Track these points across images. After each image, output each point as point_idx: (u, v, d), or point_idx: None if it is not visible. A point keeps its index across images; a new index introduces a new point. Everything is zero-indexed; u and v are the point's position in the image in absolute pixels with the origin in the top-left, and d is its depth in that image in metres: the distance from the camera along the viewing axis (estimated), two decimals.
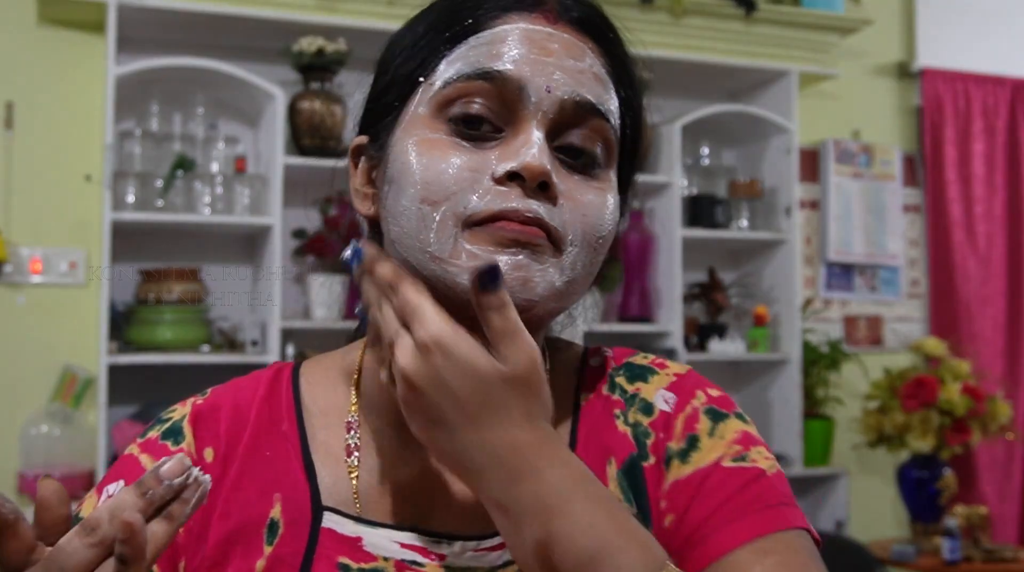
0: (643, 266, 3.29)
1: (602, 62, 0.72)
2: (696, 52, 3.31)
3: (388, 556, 0.71)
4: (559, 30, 0.71)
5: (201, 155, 2.93)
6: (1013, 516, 3.85)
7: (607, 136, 0.71)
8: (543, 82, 0.68)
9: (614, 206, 0.72)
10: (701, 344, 3.38)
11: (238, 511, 0.73)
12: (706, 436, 0.74)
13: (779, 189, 3.46)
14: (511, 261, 0.66)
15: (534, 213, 0.67)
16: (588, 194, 0.70)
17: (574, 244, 0.69)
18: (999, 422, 3.29)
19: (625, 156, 0.75)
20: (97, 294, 2.76)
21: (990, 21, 4.00)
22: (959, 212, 3.87)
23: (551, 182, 0.67)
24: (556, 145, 0.70)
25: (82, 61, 2.91)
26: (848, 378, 3.62)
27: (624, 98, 0.74)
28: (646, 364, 0.80)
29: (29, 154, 2.86)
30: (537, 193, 0.67)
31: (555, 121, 0.69)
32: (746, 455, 0.72)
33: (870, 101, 3.88)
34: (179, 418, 0.77)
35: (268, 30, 2.86)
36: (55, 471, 2.70)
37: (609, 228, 0.71)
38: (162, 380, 2.83)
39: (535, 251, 0.67)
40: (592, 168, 0.71)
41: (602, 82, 0.71)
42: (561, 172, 0.69)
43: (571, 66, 0.69)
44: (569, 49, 0.70)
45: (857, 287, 3.79)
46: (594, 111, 0.70)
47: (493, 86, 0.68)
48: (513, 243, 0.67)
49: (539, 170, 0.66)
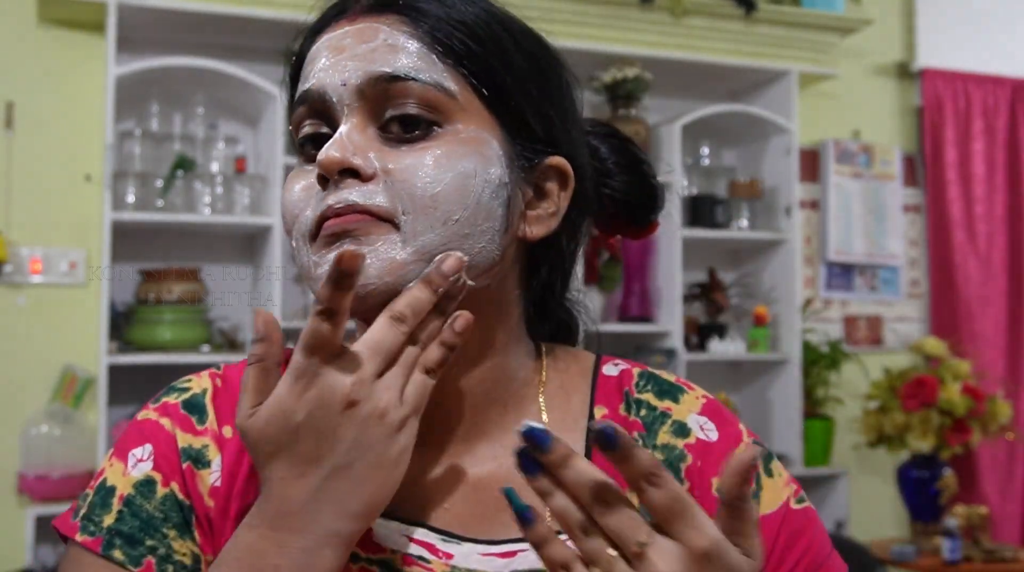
0: (643, 266, 3.29)
1: (407, 30, 0.70)
2: (696, 52, 3.31)
3: (397, 549, 0.71)
4: (356, 24, 0.71)
5: (201, 155, 2.93)
6: (1015, 516, 3.86)
7: (424, 94, 0.68)
8: (338, 79, 0.69)
9: (455, 156, 0.68)
10: (701, 344, 3.38)
11: (255, 490, 0.72)
12: (764, 475, 0.76)
13: (779, 189, 3.46)
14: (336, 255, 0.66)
15: (343, 201, 0.67)
16: (408, 159, 0.67)
17: (407, 212, 0.67)
18: (999, 422, 3.29)
19: (494, 100, 0.71)
20: (97, 294, 2.76)
21: (990, 21, 4.00)
22: (959, 212, 3.87)
23: (353, 165, 0.67)
24: (383, 124, 0.69)
25: (82, 61, 2.91)
26: (848, 378, 3.62)
27: (450, 48, 0.70)
28: (673, 381, 0.80)
29: (29, 154, 2.86)
30: (349, 182, 0.67)
31: (367, 107, 0.69)
32: (803, 496, 0.77)
33: (870, 101, 3.89)
34: (200, 392, 0.76)
35: (268, 30, 2.86)
36: (55, 471, 2.70)
37: (447, 181, 0.67)
38: (162, 380, 2.82)
39: (358, 236, 0.67)
40: (429, 130, 0.68)
41: (399, 49, 0.69)
42: (384, 151, 0.68)
43: (362, 51, 0.69)
44: (361, 36, 0.70)
45: (857, 287, 3.79)
46: (392, 78, 0.68)
47: (309, 106, 0.71)
48: (334, 238, 0.67)
49: (327, 162, 0.67)
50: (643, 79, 3.20)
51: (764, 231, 3.46)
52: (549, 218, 0.74)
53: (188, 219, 2.82)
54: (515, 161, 0.71)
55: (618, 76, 3.18)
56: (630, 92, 3.22)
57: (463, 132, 0.69)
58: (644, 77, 3.20)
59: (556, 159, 0.74)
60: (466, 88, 0.70)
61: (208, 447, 0.73)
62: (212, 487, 0.72)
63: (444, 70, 0.69)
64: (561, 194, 0.74)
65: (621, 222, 0.84)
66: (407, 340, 0.65)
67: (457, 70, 0.69)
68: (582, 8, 3.14)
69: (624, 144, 0.83)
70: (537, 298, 0.79)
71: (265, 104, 2.90)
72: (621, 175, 0.82)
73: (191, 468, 0.72)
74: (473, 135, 0.69)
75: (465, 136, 0.69)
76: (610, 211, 0.82)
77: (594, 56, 3.19)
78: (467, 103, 0.70)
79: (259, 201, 2.87)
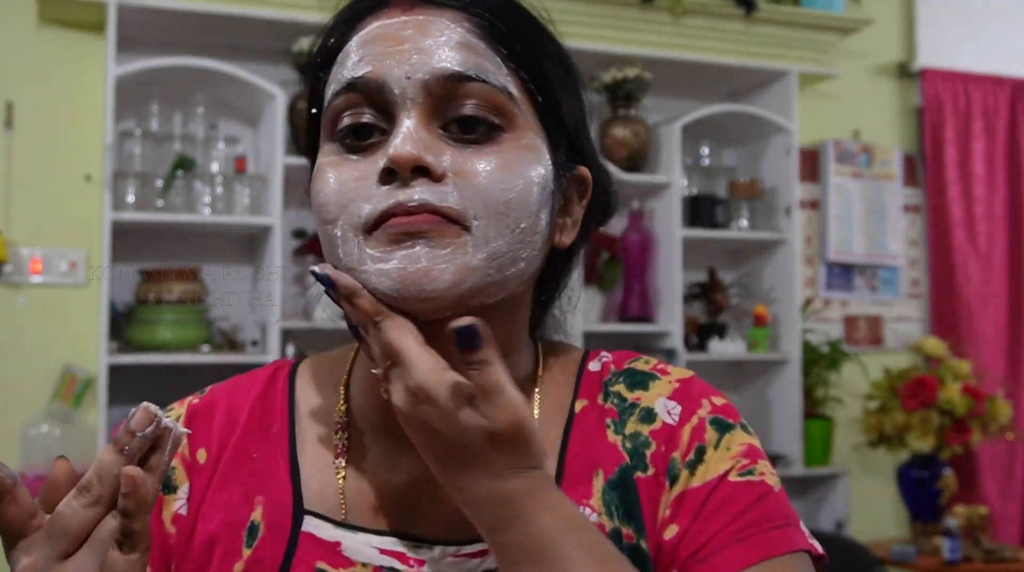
0: (643, 266, 3.28)
1: (469, 27, 0.69)
2: (696, 52, 3.31)
3: (367, 562, 0.71)
4: (414, 15, 0.69)
5: (201, 155, 2.93)
6: (1015, 516, 3.85)
7: (491, 98, 0.67)
8: (401, 71, 0.67)
9: (522, 164, 0.68)
10: (701, 344, 3.38)
11: (220, 513, 0.73)
12: (712, 448, 0.73)
13: (779, 189, 3.46)
14: (407, 255, 0.65)
15: (417, 200, 0.65)
16: (479, 163, 0.67)
17: (479, 217, 0.66)
18: (999, 422, 3.29)
19: (545, 108, 0.71)
20: (97, 294, 2.76)
21: (990, 21, 4.00)
22: (959, 212, 3.87)
23: (427, 163, 0.66)
24: (444, 123, 0.68)
25: (82, 61, 2.91)
26: (848, 378, 3.62)
27: (514, 52, 0.70)
28: (647, 369, 0.79)
29: (29, 154, 2.86)
30: (420, 180, 0.66)
31: (430, 103, 0.67)
32: (753, 469, 0.73)
33: (870, 101, 3.88)
34: (175, 418, 0.78)
35: (268, 30, 2.86)
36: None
37: (519, 188, 0.67)
38: (162, 380, 2.83)
39: (431, 238, 0.65)
40: (491, 133, 0.68)
41: (470, 47, 0.68)
42: (449, 149, 0.67)
43: (428, 45, 0.67)
44: (424, 29, 0.68)
45: (857, 287, 3.79)
46: (463, 78, 0.67)
47: (360, 94, 0.68)
48: (404, 237, 0.66)
49: (404, 158, 0.65)
50: (643, 79, 3.20)
51: (764, 231, 3.46)
52: (572, 228, 0.75)
53: (188, 219, 2.82)
54: (557, 170, 0.72)
55: (618, 76, 3.18)
56: (630, 92, 3.22)
57: (524, 139, 0.69)
58: (644, 77, 3.20)
59: (582, 170, 0.75)
60: (524, 94, 0.70)
61: (175, 471, 0.75)
62: (176, 514, 0.74)
63: (508, 74, 0.69)
64: (580, 204, 0.76)
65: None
66: (101, 510, 0.58)
67: (518, 75, 0.70)
68: (582, 8, 3.14)
69: None
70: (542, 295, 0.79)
71: (265, 104, 2.90)
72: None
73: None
74: (533, 142, 0.69)
75: (526, 143, 0.69)
76: None
77: (594, 56, 3.19)
78: (524, 109, 0.70)
79: (259, 201, 2.87)
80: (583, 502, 0.72)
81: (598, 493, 0.73)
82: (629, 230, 3.29)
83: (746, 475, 0.72)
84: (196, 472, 0.75)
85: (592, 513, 0.72)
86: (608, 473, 0.73)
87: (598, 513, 0.72)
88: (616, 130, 3.21)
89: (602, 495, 0.73)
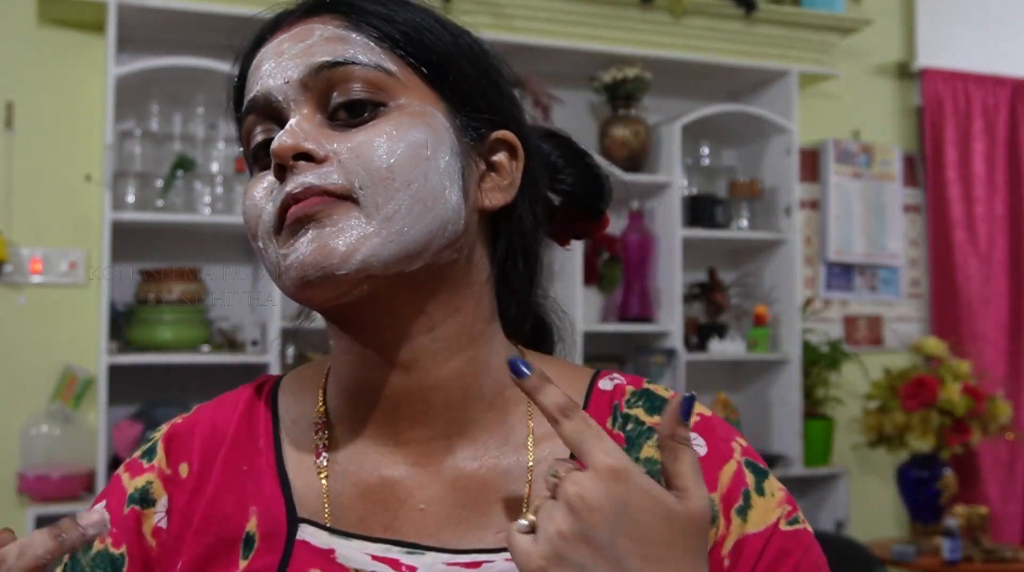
0: (643, 266, 3.29)
1: (338, 23, 0.72)
2: (696, 52, 3.31)
3: (360, 568, 0.71)
4: (291, 30, 0.72)
5: (201, 155, 2.93)
6: (1016, 516, 3.85)
7: (366, 76, 0.70)
8: (280, 79, 0.70)
9: (403, 128, 0.69)
10: (701, 344, 3.37)
11: (216, 526, 0.74)
12: (755, 493, 0.74)
13: (779, 189, 3.46)
14: (304, 241, 0.67)
15: (301, 185, 0.67)
16: (357, 137, 0.69)
17: (364, 186, 0.67)
18: (999, 422, 3.29)
19: (434, 77, 0.73)
20: (97, 294, 2.76)
21: (990, 21, 4.00)
22: (960, 212, 3.87)
23: (306, 149, 0.68)
24: (331, 114, 0.70)
25: (82, 61, 2.91)
26: (848, 378, 3.62)
27: (385, 32, 0.71)
28: (667, 396, 0.78)
29: (29, 154, 2.86)
30: (304, 166, 0.68)
31: (312, 99, 0.70)
32: (797, 517, 0.74)
33: (870, 101, 3.88)
34: (158, 437, 0.80)
35: None
36: (55, 471, 2.70)
37: (400, 152, 0.68)
38: (162, 380, 2.83)
39: (319, 218, 0.67)
40: (375, 111, 0.70)
41: (336, 39, 0.71)
42: (334, 135, 0.69)
43: (300, 49, 0.71)
44: (297, 37, 0.71)
45: (857, 287, 3.79)
46: (332, 65, 0.70)
47: (256, 114, 0.72)
48: (298, 224, 0.68)
49: (281, 148, 0.68)
50: (643, 79, 3.20)
51: (764, 231, 3.46)
52: (506, 189, 0.75)
53: (188, 219, 2.82)
54: (463, 132, 0.73)
55: (618, 76, 3.18)
56: (630, 92, 3.22)
57: (408, 107, 0.70)
58: (644, 77, 3.20)
59: (502, 132, 0.75)
60: (405, 67, 0.71)
61: (153, 484, 0.77)
62: (155, 527, 0.75)
63: (382, 52, 0.71)
64: (513, 164, 0.76)
65: (576, 219, 0.84)
66: None
67: (394, 51, 0.71)
68: (582, 8, 3.14)
69: (566, 140, 0.85)
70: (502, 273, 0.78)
71: None
72: (569, 169, 0.83)
73: (135, 511, 0.76)
74: (419, 109, 0.71)
75: (411, 110, 0.70)
76: (564, 212, 0.83)
77: (594, 56, 3.19)
78: (408, 81, 0.71)
79: None
80: None
81: None
82: (629, 230, 3.29)
83: (793, 524, 0.73)
84: (177, 486, 0.76)
85: None
86: None
87: None
88: (616, 130, 3.21)
89: None
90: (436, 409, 0.73)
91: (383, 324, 0.71)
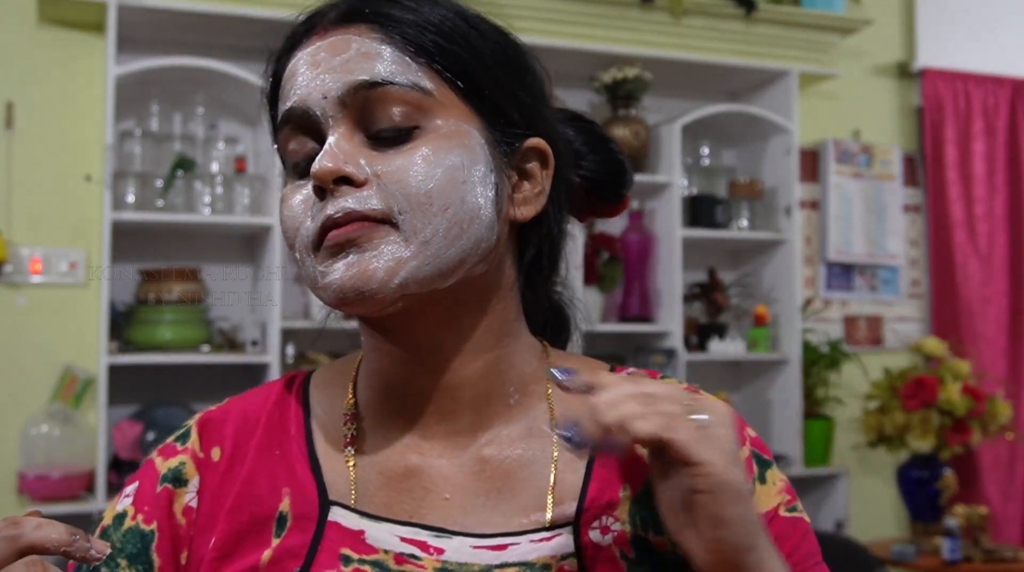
0: (643, 266, 3.29)
1: (375, 36, 0.72)
2: (696, 52, 3.31)
3: (388, 549, 0.73)
4: (328, 37, 0.73)
5: (201, 155, 2.93)
6: (1015, 516, 3.85)
7: (400, 97, 0.71)
8: (318, 94, 0.71)
9: (441, 152, 0.70)
10: (701, 344, 3.37)
11: (249, 506, 0.76)
12: (758, 481, 0.78)
13: (779, 189, 3.46)
14: (343, 265, 0.70)
15: (342, 210, 0.69)
16: (396, 161, 0.70)
17: (403, 211, 0.69)
18: (999, 422, 3.29)
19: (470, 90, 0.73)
20: (97, 294, 2.76)
21: (990, 21, 4.00)
22: (960, 212, 3.87)
23: (346, 173, 0.69)
24: (372, 133, 0.71)
25: (82, 61, 2.91)
26: (848, 378, 3.62)
27: (422, 48, 0.72)
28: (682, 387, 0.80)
29: (29, 154, 2.86)
30: (345, 190, 0.70)
31: (350, 116, 0.71)
32: (796, 505, 0.79)
33: (870, 101, 3.88)
34: (192, 423, 0.82)
35: (268, 30, 2.84)
36: (55, 471, 2.70)
37: (438, 177, 0.70)
38: (162, 380, 2.83)
39: (361, 244, 0.69)
40: (412, 132, 0.71)
41: (374, 55, 0.71)
42: (374, 156, 0.71)
43: (337, 63, 0.71)
44: (334, 49, 0.72)
45: (857, 287, 3.79)
46: (371, 85, 0.70)
47: (293, 124, 0.73)
48: (339, 248, 0.70)
49: (322, 172, 0.69)
50: (643, 79, 3.20)
51: (764, 231, 3.46)
52: (536, 198, 0.77)
53: (188, 219, 2.82)
54: (497, 147, 0.74)
55: (618, 76, 3.18)
56: (630, 92, 3.22)
57: (444, 127, 0.71)
58: (644, 77, 3.20)
59: (534, 140, 0.77)
60: (442, 84, 0.72)
61: (185, 464, 0.79)
62: (186, 506, 0.77)
63: (418, 69, 0.72)
64: (543, 173, 0.77)
65: (595, 202, 0.86)
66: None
67: (431, 67, 0.72)
68: (582, 8, 3.14)
69: (590, 125, 0.86)
70: (528, 276, 0.80)
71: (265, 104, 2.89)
72: (591, 154, 0.85)
73: (168, 490, 0.78)
74: (455, 128, 0.72)
75: (447, 131, 0.71)
76: (584, 193, 0.85)
77: (594, 56, 3.19)
78: (444, 98, 0.72)
79: (259, 201, 2.87)
80: (611, 513, 0.74)
81: (624, 505, 0.75)
82: (629, 230, 3.29)
83: (792, 511, 0.78)
84: (209, 468, 0.78)
85: (616, 522, 0.74)
86: (636, 487, 0.75)
87: (622, 523, 0.74)
88: (616, 130, 3.21)
89: (628, 507, 0.75)
90: (463, 405, 0.76)
91: (415, 329, 0.74)
